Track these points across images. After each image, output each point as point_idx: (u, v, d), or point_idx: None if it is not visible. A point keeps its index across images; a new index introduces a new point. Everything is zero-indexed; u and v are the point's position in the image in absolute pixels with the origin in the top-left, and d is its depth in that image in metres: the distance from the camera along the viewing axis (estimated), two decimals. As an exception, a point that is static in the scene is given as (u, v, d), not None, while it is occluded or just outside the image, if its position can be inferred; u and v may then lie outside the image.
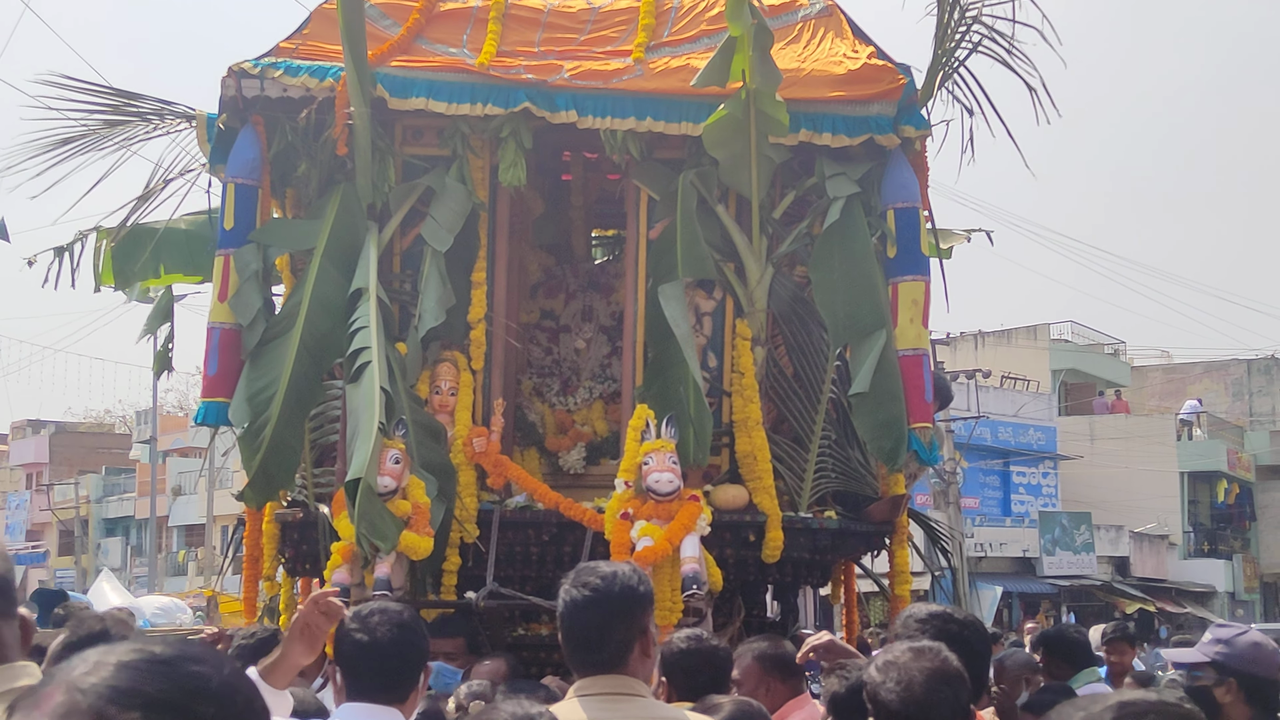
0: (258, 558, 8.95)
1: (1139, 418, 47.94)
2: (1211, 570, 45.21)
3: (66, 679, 1.41)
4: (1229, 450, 47.45)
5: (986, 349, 45.95)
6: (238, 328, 8.63)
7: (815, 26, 9.03)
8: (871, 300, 8.65)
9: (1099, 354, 51.11)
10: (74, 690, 1.38)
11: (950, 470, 33.53)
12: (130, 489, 51.64)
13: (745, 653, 5.63)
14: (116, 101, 9.69)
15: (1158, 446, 45.13)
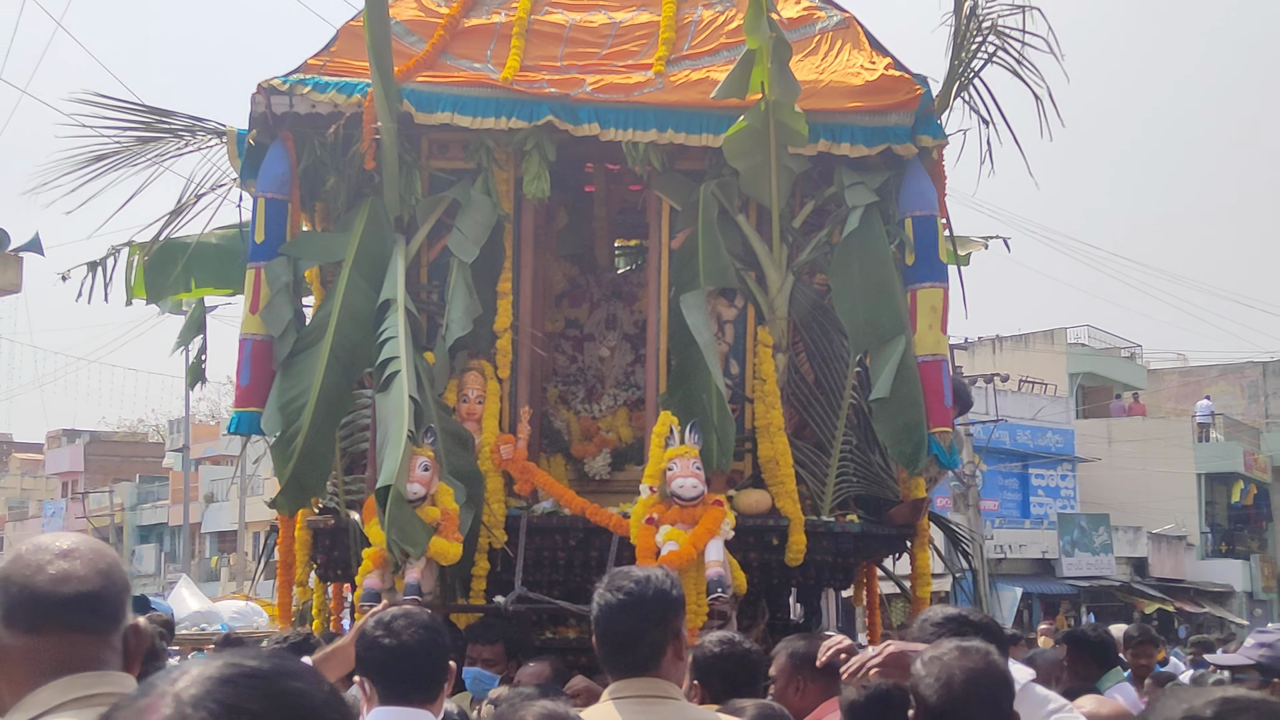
0: (290, 564, 8.97)
1: (1156, 420, 47.78)
2: (1229, 570, 45.02)
3: (171, 691, 1.42)
4: (1246, 452, 47.28)
5: (1004, 353, 45.78)
6: (269, 339, 8.65)
7: (833, 38, 9.02)
8: (890, 307, 8.63)
9: (1115, 358, 50.97)
10: (181, 704, 1.40)
11: (969, 473, 33.42)
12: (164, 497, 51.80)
13: (781, 651, 5.60)
14: (149, 119, 9.73)
15: (1175, 448, 44.98)
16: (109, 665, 2.31)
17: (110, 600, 2.36)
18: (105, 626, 2.34)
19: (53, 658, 2.29)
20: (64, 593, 2.31)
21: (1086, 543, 39.70)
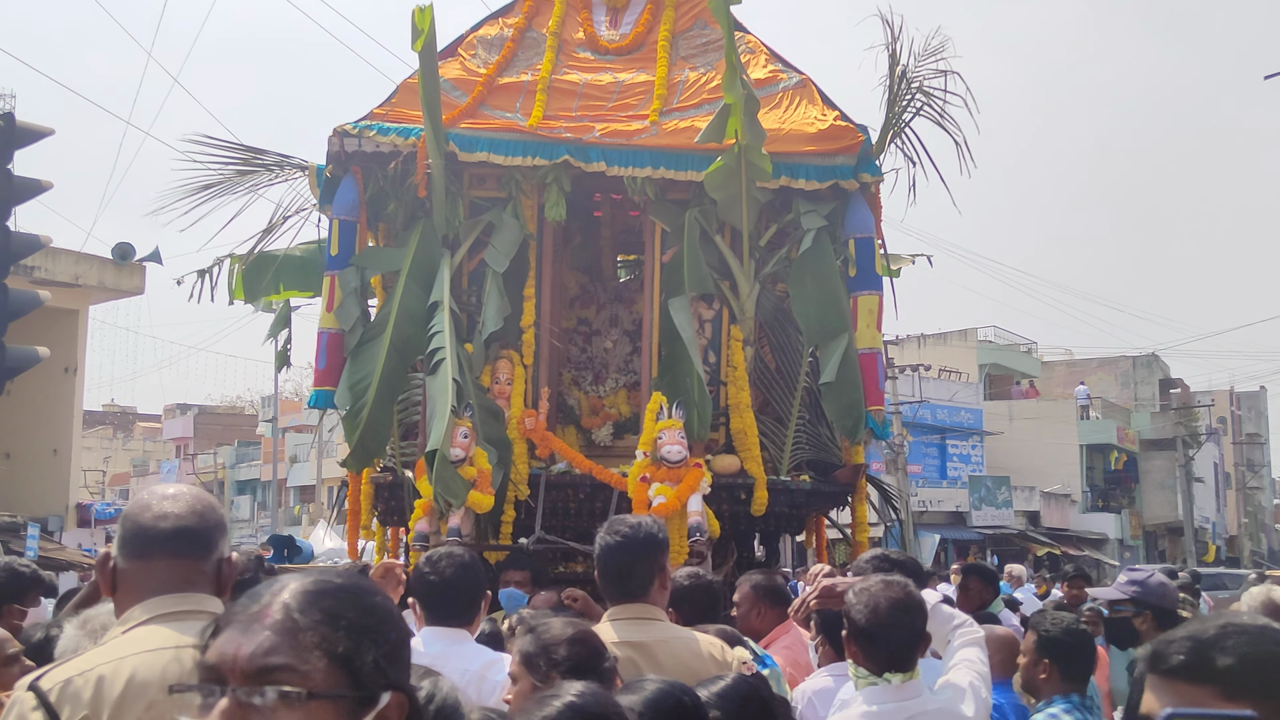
0: (357, 511, 8.99)
1: (1047, 402, 47.79)
2: (1104, 522, 45.05)
3: (279, 600, 1.43)
4: (1118, 428, 47.31)
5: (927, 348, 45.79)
6: (341, 332, 8.67)
7: (792, 95, 9.02)
8: (837, 310, 8.67)
9: (1015, 352, 50.95)
10: (290, 610, 1.41)
11: (899, 443, 33.48)
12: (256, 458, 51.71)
13: (744, 582, 5.60)
14: (246, 155, 9.71)
15: (1061, 424, 45.12)
16: (199, 588, 2.34)
17: (202, 535, 2.40)
18: (197, 555, 2.37)
19: (154, 579, 2.33)
20: (163, 527, 2.35)
21: (991, 499, 39.75)
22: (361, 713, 1.38)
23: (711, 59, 9.06)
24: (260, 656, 1.35)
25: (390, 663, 1.42)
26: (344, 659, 1.38)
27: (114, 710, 2.14)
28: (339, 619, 1.40)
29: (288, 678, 1.34)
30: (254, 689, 1.33)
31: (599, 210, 10.52)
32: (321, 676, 1.36)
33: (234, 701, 1.33)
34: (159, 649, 2.21)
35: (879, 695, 3.36)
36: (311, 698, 1.33)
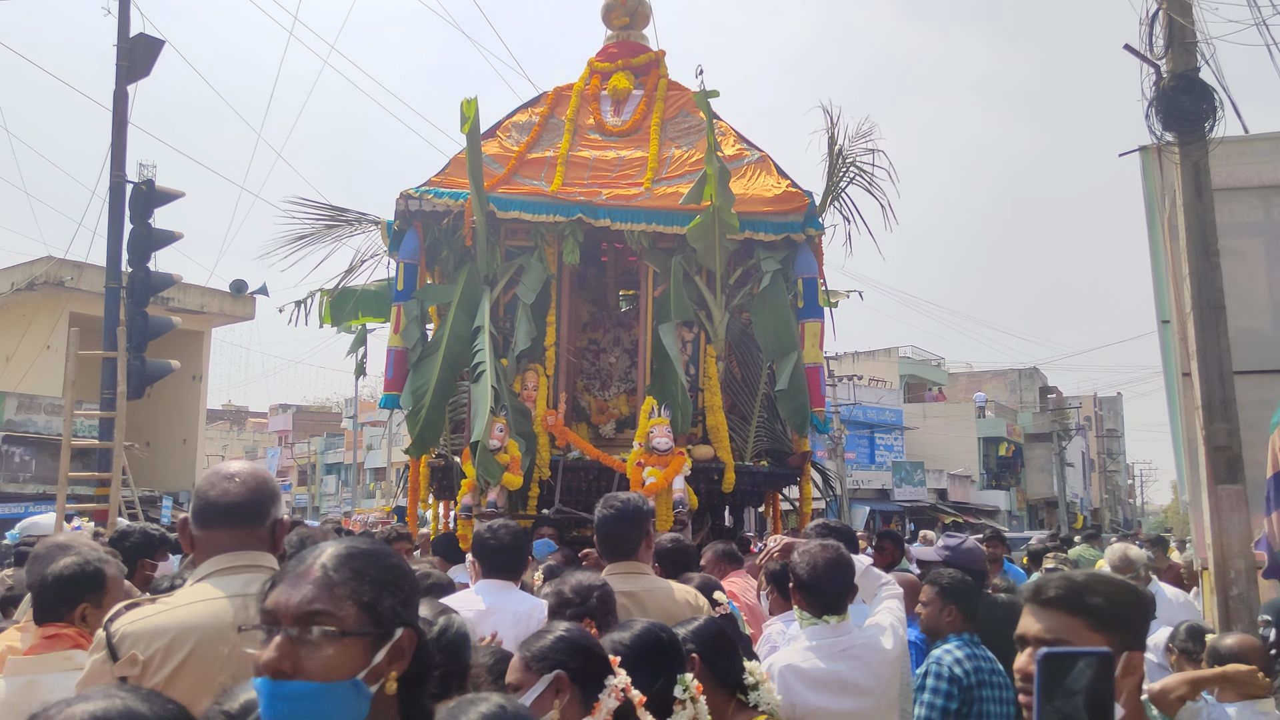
0: (417, 488, 8.97)
1: (952, 404, 47.89)
2: (997, 497, 45.05)
3: (318, 560, 1.45)
4: (1007, 425, 47.34)
5: (860, 362, 45.82)
6: (405, 350, 8.68)
7: (755, 168, 9.03)
8: (789, 334, 8.67)
9: (928, 365, 50.95)
10: (327, 569, 1.43)
11: (838, 436, 33.44)
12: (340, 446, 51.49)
13: (709, 549, 5.66)
14: (333, 213, 9.72)
15: (963, 422, 45.20)
16: (253, 548, 2.33)
17: (254, 507, 2.37)
18: (252, 523, 2.35)
19: (216, 543, 2.32)
20: (223, 503, 2.33)
21: (909, 479, 39.72)
22: (381, 645, 1.42)
23: (692, 139, 9.09)
24: (306, 604, 1.40)
25: (403, 607, 1.47)
26: (368, 605, 1.42)
27: (164, 650, 2.14)
28: (364, 575, 1.44)
29: (326, 620, 1.39)
30: (302, 629, 1.38)
31: (605, 255, 10.51)
32: (351, 619, 1.40)
33: (286, 638, 1.38)
34: (208, 599, 2.21)
35: (819, 633, 3.37)
36: (344, 635, 1.39)
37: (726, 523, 9.53)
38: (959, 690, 3.73)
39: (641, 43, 9.94)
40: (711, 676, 2.77)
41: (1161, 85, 8.71)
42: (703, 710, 2.47)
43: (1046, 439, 49.02)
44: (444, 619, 2.34)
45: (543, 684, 2.23)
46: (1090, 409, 59.86)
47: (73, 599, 3.05)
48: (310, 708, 1.34)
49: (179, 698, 2.06)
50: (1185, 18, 8.73)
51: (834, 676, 3.24)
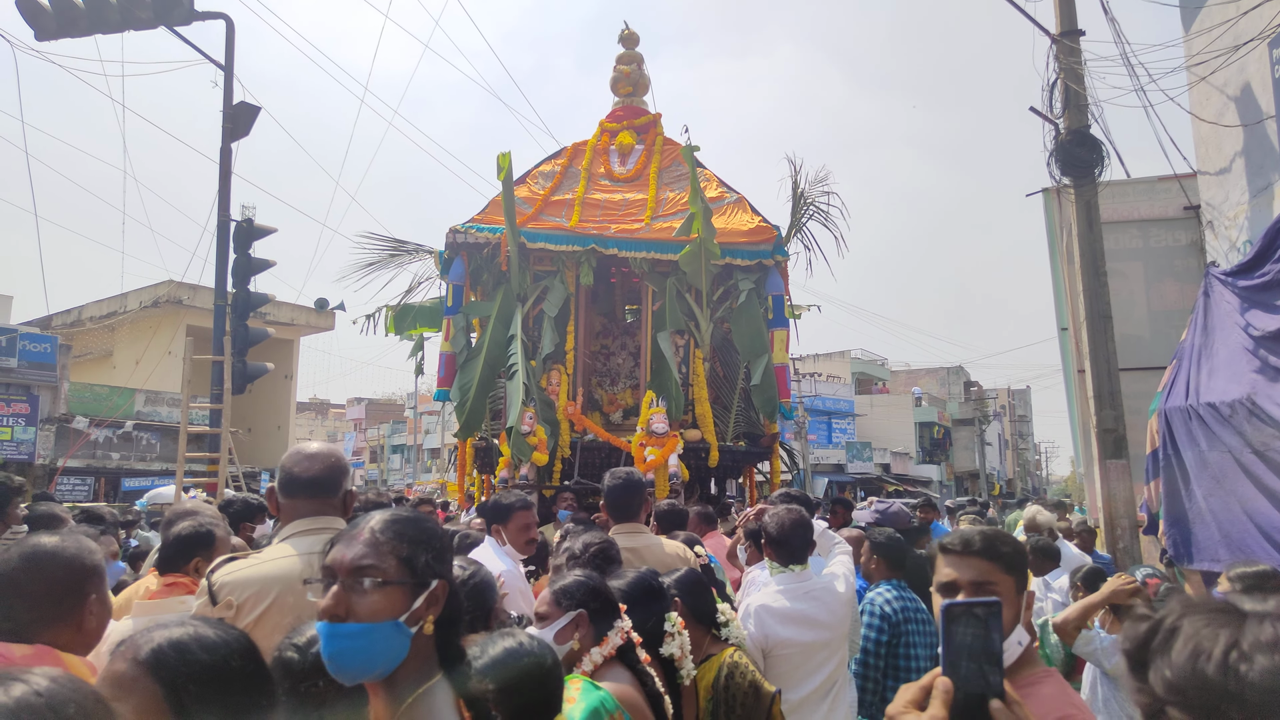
0: (464, 464, 8.98)
1: (894, 395, 47.72)
2: (930, 470, 44.88)
3: (367, 524, 1.45)
4: (939, 412, 47.22)
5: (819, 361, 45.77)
6: (454, 354, 8.68)
7: (733, 207, 9.03)
8: (761, 340, 8.66)
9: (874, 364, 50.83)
10: (374, 530, 1.43)
11: (801, 421, 33.39)
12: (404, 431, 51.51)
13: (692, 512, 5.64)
14: (395, 244, 9.75)
15: (903, 410, 45.07)
16: (328, 514, 2.30)
17: (328, 481, 2.34)
18: (327, 494, 2.32)
19: (296, 510, 2.30)
20: (303, 478, 2.31)
21: (859, 456, 39.65)
22: (419, 593, 1.41)
23: (683, 184, 9.08)
24: (356, 560, 1.40)
25: (437, 562, 1.46)
26: (407, 560, 1.42)
27: (253, 596, 2.12)
28: (404, 535, 1.43)
29: (373, 572, 1.39)
30: (354, 580, 1.39)
31: (614, 278, 10.53)
32: (393, 571, 1.40)
33: (341, 588, 1.38)
34: (288, 556, 2.19)
35: (786, 579, 3.37)
36: (386, 584, 1.38)
37: (712, 491, 9.52)
38: (889, 625, 3.72)
39: (642, 107, 9.95)
40: (691, 615, 2.78)
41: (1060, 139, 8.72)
42: (685, 641, 2.47)
43: (970, 423, 48.90)
44: (472, 568, 2.35)
45: (567, 618, 2.23)
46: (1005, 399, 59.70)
47: (188, 554, 3.04)
48: (360, 644, 1.35)
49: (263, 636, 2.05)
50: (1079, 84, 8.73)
51: (799, 613, 3.24)
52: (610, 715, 2.00)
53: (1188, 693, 0.71)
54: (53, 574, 1.78)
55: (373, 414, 57.73)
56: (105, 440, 19.57)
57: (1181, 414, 6.80)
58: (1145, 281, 9.50)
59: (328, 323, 26.73)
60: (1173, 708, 0.72)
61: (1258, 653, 0.69)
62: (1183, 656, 0.72)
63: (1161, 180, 9.37)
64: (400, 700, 1.37)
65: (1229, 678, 0.69)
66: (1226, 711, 0.68)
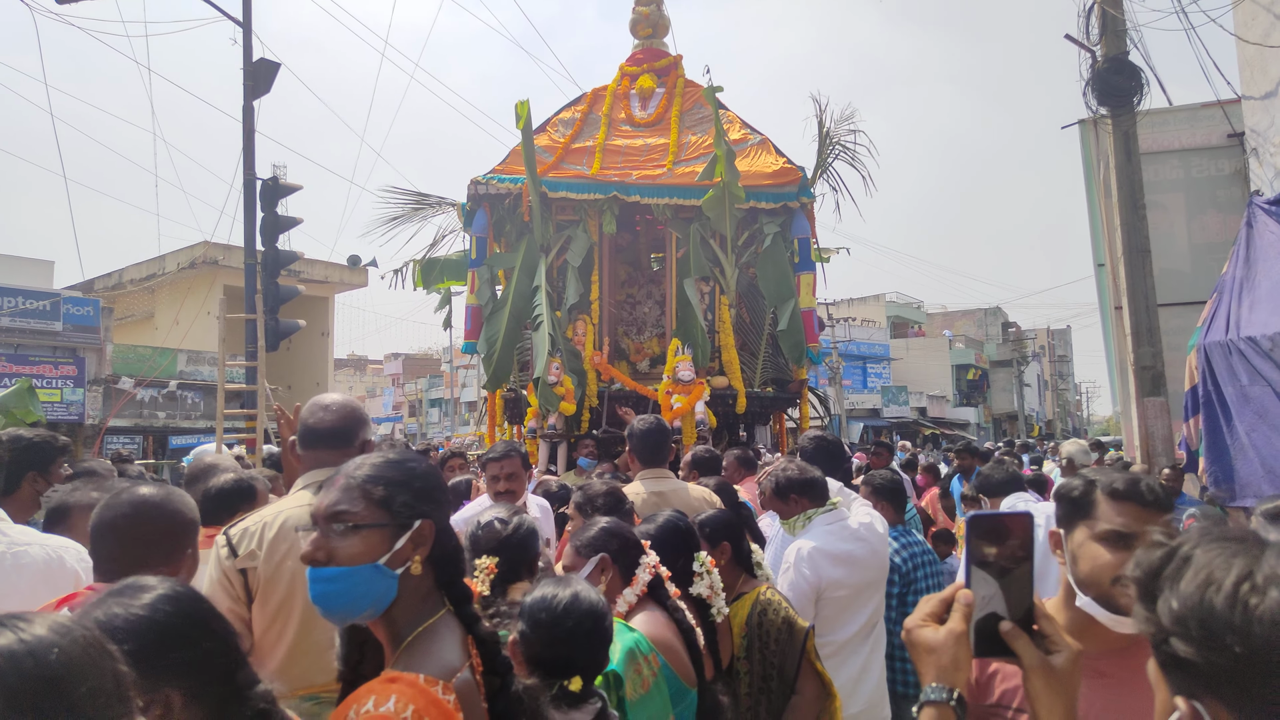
0: (494, 414, 9.04)
1: (930, 338, 47.17)
2: (967, 413, 44.43)
3: (347, 470, 1.45)
4: (976, 354, 46.62)
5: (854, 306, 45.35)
6: (479, 306, 8.69)
7: (757, 149, 8.84)
8: (788, 284, 8.53)
9: (910, 307, 50.15)
10: (349, 476, 1.43)
11: (836, 366, 33.17)
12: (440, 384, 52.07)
13: (728, 456, 5.61)
14: (419, 197, 9.73)
15: (939, 352, 44.52)
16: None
17: (345, 431, 2.33)
18: (343, 445, 2.32)
19: (315, 460, 2.31)
20: (320, 429, 2.31)
21: (895, 400, 39.35)
22: (401, 534, 1.40)
23: (705, 127, 8.89)
24: (331, 506, 1.41)
25: (419, 500, 1.44)
26: (383, 502, 1.41)
27: (271, 544, 2.15)
28: (380, 478, 1.43)
29: (345, 516, 1.40)
30: (330, 525, 1.40)
31: (639, 225, 10.41)
32: (368, 514, 1.40)
33: (320, 534, 1.40)
34: (304, 505, 2.21)
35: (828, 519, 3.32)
36: (360, 527, 1.39)
37: (741, 437, 9.52)
38: (899, 577, 3.68)
39: (663, 49, 9.71)
40: (729, 555, 2.80)
41: (1096, 68, 8.38)
42: (716, 580, 2.48)
43: (1008, 365, 48.19)
44: (516, 519, 2.36)
45: (590, 565, 2.25)
46: (1045, 339, 58.69)
47: (232, 507, 3.06)
48: (341, 587, 1.36)
49: (284, 584, 2.09)
50: (1116, 8, 8.35)
51: (847, 554, 3.23)
52: (645, 657, 2.02)
53: (1189, 623, 0.68)
54: (158, 523, 1.90)
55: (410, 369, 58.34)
56: (151, 400, 20.07)
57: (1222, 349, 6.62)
58: (1186, 213, 9.18)
59: (361, 279, 26.93)
60: (1176, 638, 0.69)
61: (1272, 585, 0.65)
62: (1192, 586, 0.69)
63: (1204, 107, 8.99)
64: (401, 639, 1.39)
65: (1236, 610, 0.66)
66: (1229, 644, 0.65)
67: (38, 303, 17.44)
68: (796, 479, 3.38)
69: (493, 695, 1.38)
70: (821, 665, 2.61)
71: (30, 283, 18.05)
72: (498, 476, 3.81)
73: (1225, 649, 0.65)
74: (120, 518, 1.89)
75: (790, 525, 3.38)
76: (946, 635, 1.03)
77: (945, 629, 1.04)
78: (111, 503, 1.93)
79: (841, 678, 3.03)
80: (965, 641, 1.03)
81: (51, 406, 17.19)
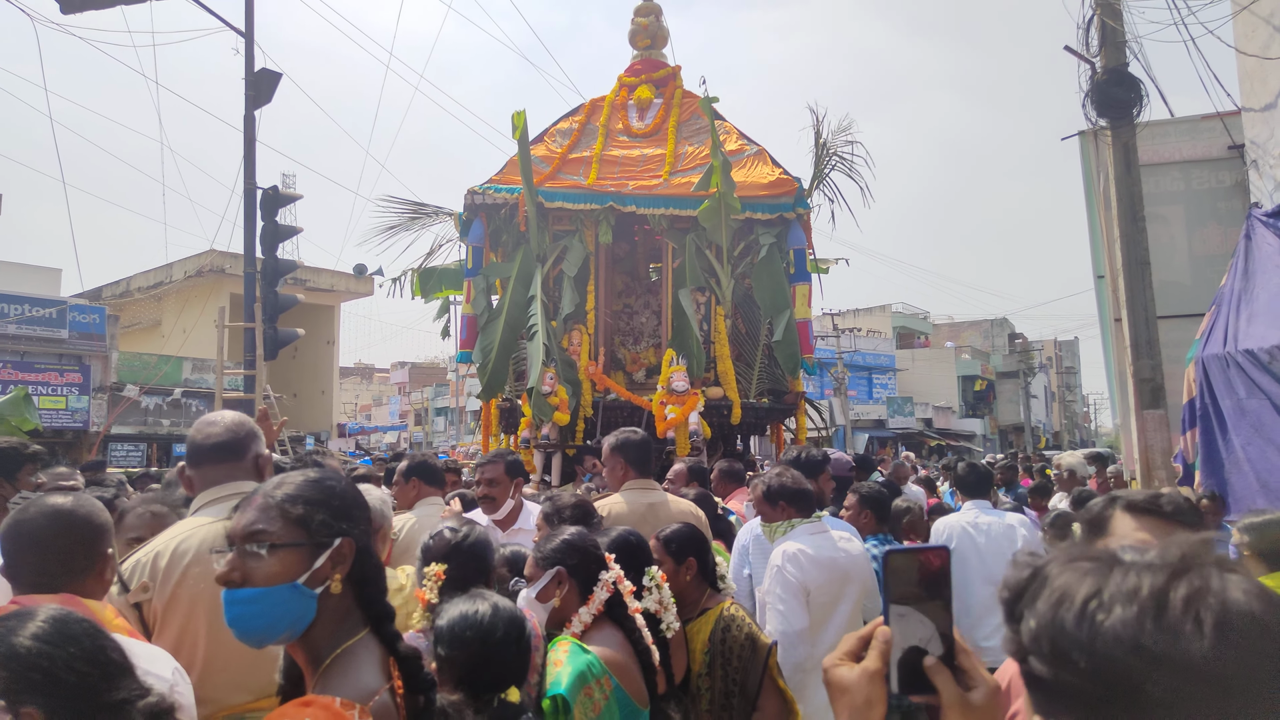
0: (489, 424, 9.01)
1: (936, 349, 47.02)
2: (973, 424, 44.27)
3: (264, 490, 1.42)
4: (982, 365, 46.45)
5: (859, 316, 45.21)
6: (475, 316, 8.67)
7: (753, 160, 8.81)
8: (783, 295, 8.47)
9: (916, 318, 50.03)
10: (267, 495, 1.40)
11: (841, 376, 33.03)
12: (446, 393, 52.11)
13: (715, 470, 5.60)
14: (416, 206, 9.74)
15: (944, 363, 44.42)
16: (238, 479, 2.25)
17: (234, 445, 2.27)
18: (233, 458, 2.26)
19: (206, 478, 2.26)
20: (206, 443, 2.26)
21: (901, 411, 39.20)
22: (319, 554, 1.37)
23: (702, 138, 8.88)
24: (247, 526, 1.38)
25: (337, 519, 1.41)
26: (300, 521, 1.38)
27: (164, 573, 2.09)
28: (298, 498, 1.40)
29: (262, 536, 1.36)
30: (246, 546, 1.37)
31: (637, 236, 10.40)
32: (285, 534, 1.37)
33: (235, 555, 1.37)
34: (195, 528, 2.16)
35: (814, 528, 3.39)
36: (275, 547, 1.36)
37: (738, 449, 9.47)
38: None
39: (661, 60, 9.72)
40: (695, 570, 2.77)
41: (1096, 79, 8.33)
42: (666, 595, 2.44)
43: (1014, 376, 47.99)
44: (465, 529, 2.34)
45: (546, 578, 2.23)
46: (1051, 350, 58.44)
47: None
48: (257, 609, 1.33)
49: (182, 611, 2.06)
50: (1116, 20, 8.31)
51: (830, 560, 3.29)
52: (597, 680, 1.99)
53: (1043, 641, 0.68)
54: (75, 531, 1.89)
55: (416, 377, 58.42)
56: (155, 407, 20.14)
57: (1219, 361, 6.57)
58: (1186, 225, 9.12)
59: (367, 288, 27.03)
60: (1032, 656, 0.69)
61: (1117, 602, 0.65)
62: (1046, 605, 0.69)
63: (1204, 119, 8.93)
64: (320, 660, 1.35)
65: (1083, 627, 0.65)
66: (1076, 661, 0.65)
67: (44, 310, 17.54)
68: (790, 488, 3.42)
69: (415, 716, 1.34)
70: (784, 683, 2.57)
71: (37, 290, 18.17)
72: (479, 481, 3.87)
73: (1073, 666, 0.65)
74: (39, 530, 1.87)
75: (771, 530, 3.40)
76: (860, 674, 1.00)
77: (860, 667, 1.00)
78: (21, 515, 1.91)
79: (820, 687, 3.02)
80: (880, 680, 1.00)
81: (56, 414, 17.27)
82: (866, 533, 3.99)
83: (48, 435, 15.81)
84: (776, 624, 3.13)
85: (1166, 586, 0.64)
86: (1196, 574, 0.64)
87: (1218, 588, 0.63)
